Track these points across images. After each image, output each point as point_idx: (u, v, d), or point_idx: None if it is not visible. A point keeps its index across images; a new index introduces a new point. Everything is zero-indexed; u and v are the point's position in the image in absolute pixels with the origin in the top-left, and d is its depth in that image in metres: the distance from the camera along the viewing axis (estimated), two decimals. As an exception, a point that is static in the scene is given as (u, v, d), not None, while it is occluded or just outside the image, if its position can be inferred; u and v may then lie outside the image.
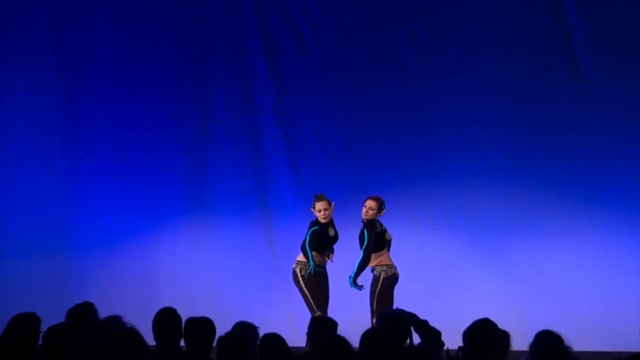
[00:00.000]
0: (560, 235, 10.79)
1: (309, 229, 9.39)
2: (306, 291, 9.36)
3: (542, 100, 10.93)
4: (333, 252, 9.53)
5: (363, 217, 9.38)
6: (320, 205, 9.33)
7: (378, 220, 9.45)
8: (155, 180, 11.42)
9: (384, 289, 9.32)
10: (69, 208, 11.41)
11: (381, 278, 9.36)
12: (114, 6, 11.53)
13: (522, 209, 10.86)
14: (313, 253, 9.32)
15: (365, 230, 9.33)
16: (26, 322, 5.90)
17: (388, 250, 9.49)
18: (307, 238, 9.33)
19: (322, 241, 9.38)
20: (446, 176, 11.02)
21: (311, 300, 9.32)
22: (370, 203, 9.38)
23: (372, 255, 9.39)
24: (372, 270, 9.43)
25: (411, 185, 11.04)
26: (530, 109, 10.93)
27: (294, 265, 9.47)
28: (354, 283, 9.31)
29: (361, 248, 9.34)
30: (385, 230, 9.50)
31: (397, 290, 9.39)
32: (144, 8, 11.53)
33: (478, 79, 11.01)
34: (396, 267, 9.42)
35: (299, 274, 9.40)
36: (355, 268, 9.33)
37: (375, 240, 9.36)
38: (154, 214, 11.37)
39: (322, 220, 9.34)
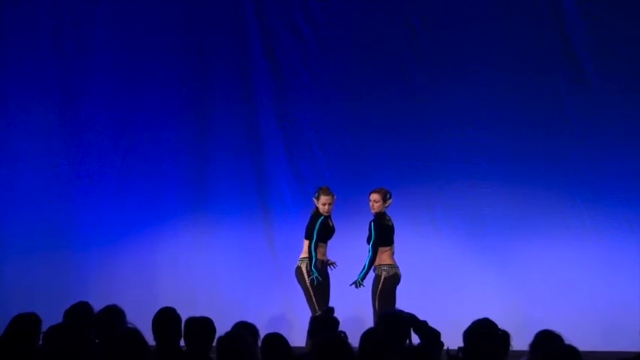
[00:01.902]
0: (560, 235, 10.80)
1: (315, 218, 9.44)
2: (309, 288, 9.36)
3: (543, 99, 10.94)
4: (335, 263, 9.59)
5: (372, 211, 9.46)
6: (325, 199, 9.43)
7: (387, 214, 9.48)
8: (155, 180, 11.41)
9: (386, 288, 9.32)
10: (69, 208, 11.40)
11: (382, 278, 9.37)
12: (114, 6, 11.52)
13: (522, 209, 10.86)
14: (319, 243, 9.38)
15: (372, 224, 9.37)
16: (26, 322, 5.89)
17: (392, 248, 9.49)
18: (316, 226, 9.37)
19: (326, 231, 9.46)
20: (446, 176, 11.02)
21: (313, 298, 9.33)
22: (374, 196, 9.47)
23: (379, 249, 9.40)
24: (374, 270, 9.44)
25: (411, 185, 11.04)
26: (531, 108, 10.94)
27: (298, 262, 9.49)
28: (361, 281, 9.32)
29: (368, 243, 9.37)
30: (393, 225, 9.53)
31: (397, 290, 9.39)
32: (144, 8, 11.51)
33: (478, 79, 11.00)
34: (398, 267, 9.42)
35: (304, 271, 9.41)
36: (365, 267, 9.35)
37: (385, 232, 9.39)
38: (154, 214, 11.36)
39: (325, 214, 9.42)
